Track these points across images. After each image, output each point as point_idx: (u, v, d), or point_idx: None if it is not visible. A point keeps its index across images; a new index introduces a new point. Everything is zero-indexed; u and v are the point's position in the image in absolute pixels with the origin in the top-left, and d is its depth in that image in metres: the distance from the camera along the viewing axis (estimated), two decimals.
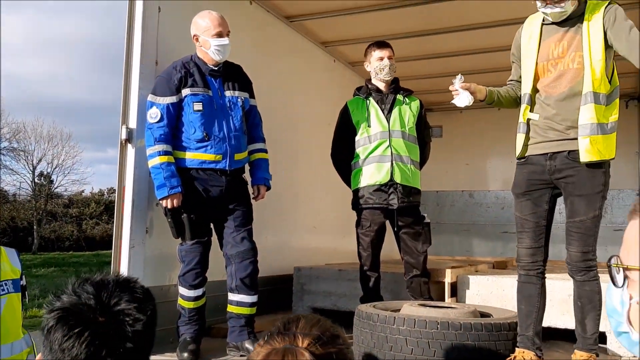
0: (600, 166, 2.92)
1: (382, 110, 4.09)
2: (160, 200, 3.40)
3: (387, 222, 4.13)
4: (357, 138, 4.12)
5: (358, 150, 4.11)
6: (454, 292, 4.34)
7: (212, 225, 3.60)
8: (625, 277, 0.98)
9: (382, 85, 4.16)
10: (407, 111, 4.12)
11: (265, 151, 3.82)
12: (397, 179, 3.99)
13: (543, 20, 3.11)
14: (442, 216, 8.40)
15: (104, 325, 1.14)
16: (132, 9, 3.66)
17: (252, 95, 3.75)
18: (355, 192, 4.15)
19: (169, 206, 3.38)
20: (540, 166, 3.07)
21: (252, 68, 3.95)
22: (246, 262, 3.47)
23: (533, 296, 3.15)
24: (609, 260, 1.01)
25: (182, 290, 3.49)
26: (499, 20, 5.31)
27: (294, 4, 5.18)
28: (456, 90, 3.18)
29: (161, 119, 3.40)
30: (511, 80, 3.34)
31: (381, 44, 4.18)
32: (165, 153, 3.39)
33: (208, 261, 3.54)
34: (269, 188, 3.81)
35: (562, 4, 2.92)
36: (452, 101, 3.22)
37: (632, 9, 4.92)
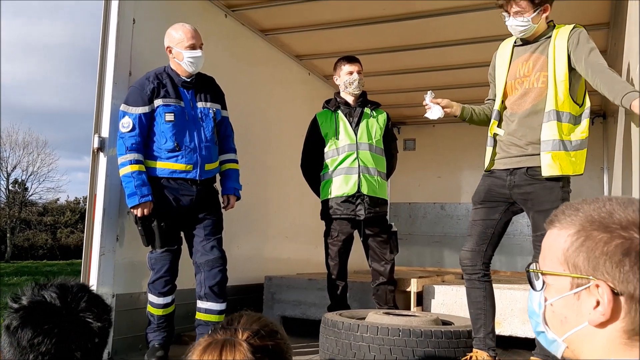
0: (558, 181, 3.03)
1: (350, 123, 4.20)
2: (131, 208, 3.45)
3: (356, 233, 4.23)
4: (325, 150, 4.23)
5: (327, 161, 4.22)
6: (420, 301, 4.44)
7: (182, 234, 3.65)
8: (544, 282, 1.08)
9: (350, 99, 4.27)
10: (375, 124, 4.23)
11: (236, 162, 3.89)
12: (364, 190, 4.10)
13: (515, 43, 3.27)
14: (415, 227, 8.53)
15: (71, 322, 1.25)
16: (106, 21, 3.72)
17: (224, 107, 3.83)
18: (324, 202, 4.24)
19: (140, 214, 3.43)
20: (501, 180, 3.20)
21: (226, 80, 4.03)
22: (215, 270, 3.53)
23: (479, 300, 3.26)
24: (528, 266, 1.11)
25: (151, 298, 3.53)
26: (468, 38, 5.47)
27: (269, 18, 5.28)
28: (427, 104, 3.36)
29: (133, 129, 3.46)
30: (488, 99, 3.48)
31: (350, 59, 4.28)
32: (137, 162, 3.45)
33: (177, 269, 3.59)
34: (238, 198, 3.88)
35: (523, 18, 3.07)
36: (425, 115, 3.39)
37: (600, 30, 5.14)
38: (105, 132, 3.66)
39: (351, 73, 4.21)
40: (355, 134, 4.17)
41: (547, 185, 3.03)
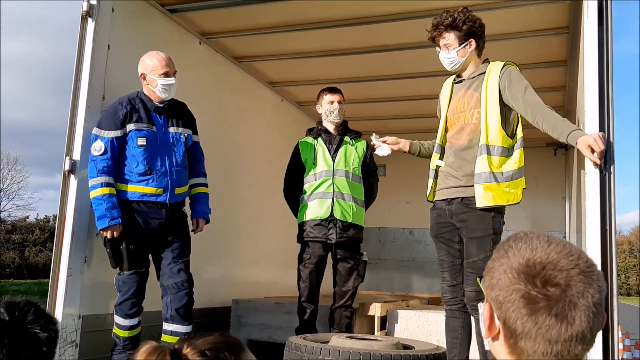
0: (490, 211, 3.20)
1: (329, 150, 4.37)
2: (100, 230, 3.50)
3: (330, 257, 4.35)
4: (305, 175, 4.38)
5: (305, 186, 4.38)
6: (384, 325, 4.54)
7: (150, 256, 3.71)
8: None
9: (331, 127, 4.45)
10: (353, 152, 4.39)
11: (206, 185, 3.98)
12: (337, 215, 4.23)
13: (454, 79, 3.48)
14: (384, 252, 8.64)
15: (19, 334, 1.36)
16: (81, 45, 3.79)
17: (195, 132, 3.92)
18: (300, 225, 4.38)
19: (109, 236, 3.48)
20: (443, 210, 3.38)
21: (199, 105, 4.13)
22: (182, 293, 3.59)
23: (456, 329, 3.42)
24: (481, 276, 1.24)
25: (118, 319, 3.57)
26: (430, 71, 5.63)
27: (243, 46, 5.41)
28: (374, 144, 3.69)
29: (105, 152, 3.53)
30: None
31: (332, 90, 4.49)
32: (107, 185, 3.51)
33: (145, 291, 3.64)
34: (208, 221, 3.96)
35: (449, 52, 3.32)
36: (375, 153, 3.73)
37: (558, 67, 5.38)
38: (76, 155, 3.71)
39: (332, 102, 4.41)
40: (333, 161, 4.32)
41: (480, 214, 3.20)
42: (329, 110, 4.41)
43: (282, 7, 4.59)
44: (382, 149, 3.67)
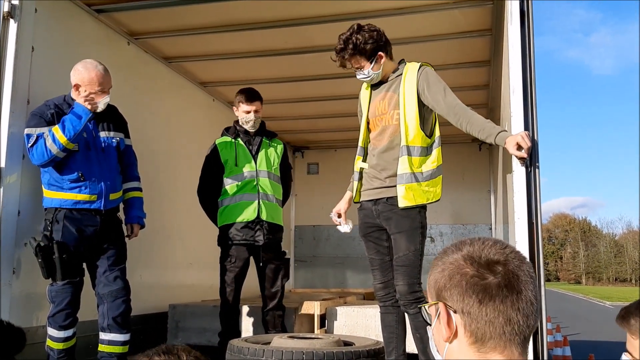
0: (414, 208, 3.32)
1: (250, 151, 4.32)
2: (88, 119, 3.44)
3: (251, 258, 4.32)
4: (225, 176, 4.30)
5: (226, 187, 4.29)
6: (323, 323, 4.60)
7: (84, 265, 3.60)
8: (428, 315, 1.25)
9: (249, 128, 4.37)
10: (273, 153, 4.40)
11: (140, 190, 3.90)
12: (264, 216, 4.22)
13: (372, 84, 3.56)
14: (318, 250, 8.74)
15: None
16: (3, 48, 3.62)
17: (127, 135, 3.83)
18: (222, 228, 4.30)
19: (94, 105, 3.46)
20: (369, 211, 3.48)
21: (129, 107, 4.04)
22: (119, 301, 3.51)
23: (392, 324, 3.53)
24: (420, 308, 1.29)
25: (51, 332, 3.44)
26: None
27: (173, 47, 5.32)
28: (338, 222, 3.73)
29: (38, 139, 3.39)
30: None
31: (249, 98, 4.33)
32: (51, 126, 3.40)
33: (79, 302, 3.52)
34: (142, 226, 3.88)
35: (363, 72, 3.40)
36: (341, 230, 3.76)
37: (482, 67, 5.61)
38: (2, 162, 3.54)
39: (248, 112, 4.31)
40: (255, 162, 4.29)
41: (405, 212, 3.32)
42: (244, 119, 4.32)
43: (212, 8, 4.55)
44: (345, 227, 3.72)
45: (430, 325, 1.22)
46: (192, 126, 6.09)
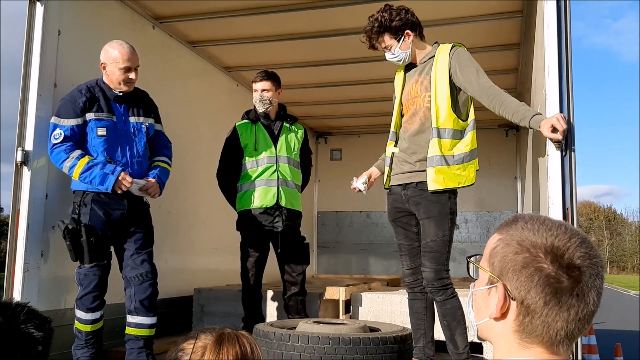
0: (444, 193, 3.25)
1: (271, 136, 4.27)
2: (113, 189, 3.39)
3: (271, 244, 4.30)
4: (244, 161, 4.26)
5: (246, 172, 4.25)
6: (348, 309, 4.58)
7: (112, 248, 3.61)
8: (477, 272, 1.21)
9: (271, 112, 4.32)
10: (293, 138, 4.34)
11: (169, 164, 3.83)
12: (283, 202, 4.18)
13: (405, 67, 3.50)
14: (341, 236, 8.71)
15: (13, 335, 1.38)
16: (30, 31, 3.63)
17: (158, 121, 3.81)
18: (241, 213, 4.27)
19: (125, 188, 3.39)
20: (399, 195, 3.42)
21: (154, 91, 4.02)
22: (146, 284, 3.52)
23: (420, 311, 3.48)
24: (470, 256, 1.25)
25: (79, 314, 3.47)
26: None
27: (198, 31, 5.29)
28: (356, 187, 3.70)
29: (64, 140, 3.40)
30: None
31: (258, 76, 4.29)
32: (83, 155, 3.39)
33: (107, 284, 3.54)
34: (160, 187, 3.70)
35: (392, 51, 3.35)
36: (356, 190, 3.72)
37: (511, 50, 5.48)
38: (29, 145, 3.56)
39: (256, 91, 4.28)
40: (275, 147, 4.25)
41: (436, 196, 3.25)
42: (254, 99, 4.28)
43: None
44: (358, 183, 3.68)
45: (472, 277, 1.20)
46: (216, 111, 6.07)
